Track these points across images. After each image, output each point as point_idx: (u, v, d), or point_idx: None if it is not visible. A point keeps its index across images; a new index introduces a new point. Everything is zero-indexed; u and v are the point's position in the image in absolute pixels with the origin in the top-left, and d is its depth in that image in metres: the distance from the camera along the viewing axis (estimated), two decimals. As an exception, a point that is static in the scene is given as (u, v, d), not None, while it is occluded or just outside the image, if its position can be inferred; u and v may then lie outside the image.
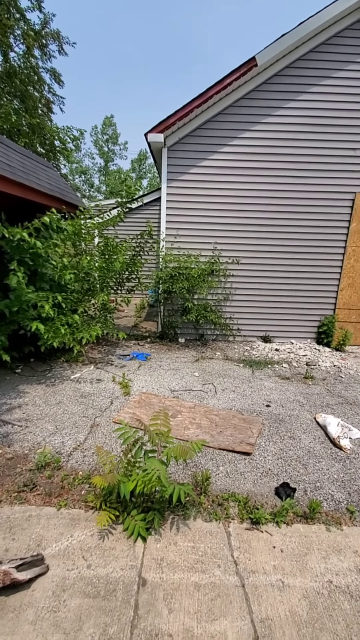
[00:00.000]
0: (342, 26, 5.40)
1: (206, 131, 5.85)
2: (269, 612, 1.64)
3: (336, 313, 6.44)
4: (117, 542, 2.00)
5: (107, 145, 33.02)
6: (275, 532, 2.11)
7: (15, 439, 3.01)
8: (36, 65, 12.10)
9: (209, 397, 4.05)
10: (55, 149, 12.71)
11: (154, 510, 2.14)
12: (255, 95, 5.70)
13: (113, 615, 1.61)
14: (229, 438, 3.10)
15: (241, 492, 2.45)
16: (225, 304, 6.50)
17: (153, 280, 6.28)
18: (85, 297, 5.22)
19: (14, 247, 3.96)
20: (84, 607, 1.64)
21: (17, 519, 2.13)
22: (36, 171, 5.05)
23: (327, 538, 2.09)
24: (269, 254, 6.28)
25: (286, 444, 3.11)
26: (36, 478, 2.50)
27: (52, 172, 6.02)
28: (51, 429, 3.19)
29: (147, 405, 3.72)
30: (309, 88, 5.67)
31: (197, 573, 1.83)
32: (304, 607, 1.67)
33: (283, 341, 6.61)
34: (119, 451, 2.86)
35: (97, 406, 3.70)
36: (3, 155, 4.23)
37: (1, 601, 1.65)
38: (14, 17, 10.94)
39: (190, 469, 2.70)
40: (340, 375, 4.97)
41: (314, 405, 3.94)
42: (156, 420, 2.26)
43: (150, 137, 5.65)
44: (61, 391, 4.02)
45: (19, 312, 4.04)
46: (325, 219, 6.11)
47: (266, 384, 4.51)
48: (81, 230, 5.09)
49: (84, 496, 2.34)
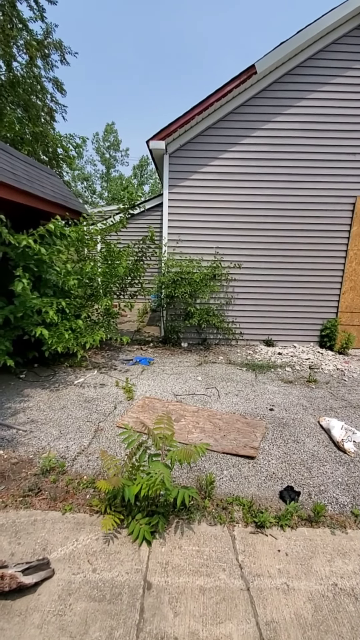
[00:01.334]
0: (341, 33, 5.47)
1: (207, 138, 5.92)
2: (274, 615, 1.65)
3: (338, 316, 6.44)
4: (122, 546, 2.01)
5: (108, 152, 33.37)
6: (280, 536, 2.12)
7: (20, 443, 3.03)
8: (39, 74, 12.30)
9: (213, 401, 4.06)
10: (58, 157, 12.86)
11: (159, 514, 2.15)
12: (255, 102, 5.78)
13: (119, 618, 1.62)
14: (233, 442, 3.11)
15: (245, 496, 2.45)
16: (228, 308, 6.52)
17: (155, 285, 6.32)
18: (88, 302, 5.27)
19: (19, 253, 4.02)
20: (90, 610, 1.65)
21: (22, 523, 2.15)
22: (40, 179, 5.13)
23: (332, 541, 2.09)
24: (271, 258, 6.31)
25: (290, 448, 3.11)
26: (41, 482, 2.51)
27: (55, 180, 6.10)
28: (55, 433, 3.21)
29: (151, 409, 3.74)
30: (309, 94, 5.74)
31: (202, 577, 1.84)
32: (309, 610, 1.67)
33: (286, 345, 6.61)
34: (123, 455, 2.87)
35: (101, 411, 3.72)
36: (8, 164, 4.30)
37: (7, 605, 1.66)
38: (16, 28, 11.15)
39: (194, 472, 2.71)
40: (343, 379, 4.96)
41: (318, 408, 3.94)
42: (160, 424, 2.28)
43: (151, 144, 5.73)
44: (65, 396, 4.05)
45: (23, 318, 4.09)
46: (326, 222, 6.14)
47: (269, 388, 4.51)
48: (84, 236, 5.15)
49: (89, 500, 2.35)
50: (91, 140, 32.90)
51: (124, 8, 47.85)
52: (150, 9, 49.60)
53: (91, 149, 34.13)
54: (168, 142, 5.84)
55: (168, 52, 58.23)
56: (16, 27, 11.18)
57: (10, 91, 11.36)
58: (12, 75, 11.54)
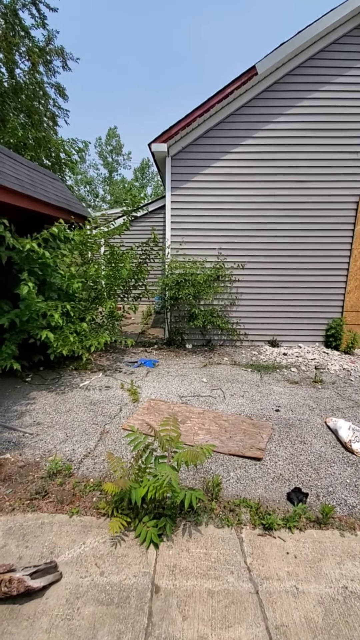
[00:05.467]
0: (341, 33, 5.47)
1: (209, 139, 5.93)
2: (283, 618, 1.63)
3: (344, 316, 6.40)
4: (130, 548, 2.00)
5: (111, 156, 33.59)
6: (288, 538, 2.09)
7: (26, 446, 3.04)
8: (41, 80, 12.43)
9: (218, 403, 4.04)
10: (60, 161, 12.95)
11: (166, 516, 2.14)
12: (256, 103, 5.78)
13: (127, 622, 1.61)
14: (239, 443, 3.09)
15: (253, 498, 2.43)
16: (232, 309, 6.51)
17: (159, 287, 6.33)
18: (92, 305, 5.28)
19: (24, 257, 4.04)
20: (98, 614, 1.64)
21: (30, 527, 2.15)
22: (43, 183, 5.17)
23: (341, 543, 2.06)
24: (274, 258, 6.29)
25: (297, 449, 3.08)
26: (48, 485, 2.52)
27: (58, 184, 6.15)
28: (62, 436, 3.21)
29: (156, 411, 3.73)
30: (310, 94, 5.73)
31: (211, 580, 1.82)
32: (319, 614, 1.65)
33: (291, 345, 6.58)
34: (129, 458, 2.87)
35: (107, 413, 3.72)
36: (12, 170, 4.34)
37: (15, 609, 1.66)
38: (18, 35, 11.29)
39: (201, 474, 2.69)
40: (350, 379, 4.92)
41: (324, 409, 3.91)
42: (166, 425, 2.27)
43: (153, 147, 5.76)
44: (71, 399, 4.06)
45: (28, 321, 4.11)
46: (329, 222, 6.11)
47: (275, 389, 4.49)
48: (88, 239, 5.17)
49: (96, 503, 2.35)
50: (94, 145, 33.16)
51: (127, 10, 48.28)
52: (154, 13, 50.00)
53: (94, 153, 34.45)
54: (170, 145, 5.86)
55: (171, 55, 58.65)
56: (18, 34, 11.32)
57: (13, 97, 11.48)
58: (15, 82, 11.68)
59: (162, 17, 51.12)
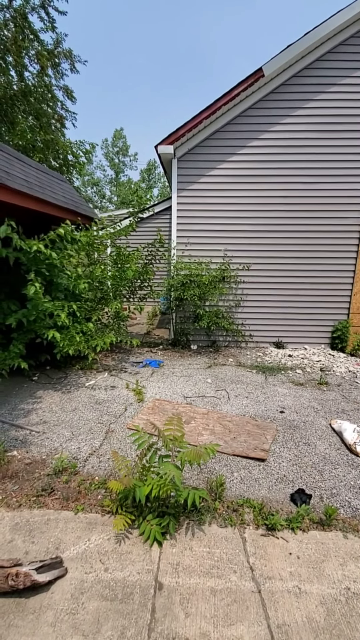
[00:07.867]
0: (347, 35, 5.46)
1: (215, 141, 5.96)
2: (285, 618, 1.64)
3: (350, 318, 6.36)
4: (134, 546, 2.03)
5: (117, 157, 33.77)
6: (291, 539, 2.10)
7: (32, 444, 3.09)
8: (49, 83, 12.57)
9: (222, 404, 4.06)
10: (68, 163, 13.09)
11: (169, 515, 2.16)
12: (262, 105, 5.79)
13: (130, 618, 1.63)
14: (243, 444, 3.10)
15: (256, 498, 2.44)
16: (237, 310, 6.51)
17: (165, 287, 6.36)
18: (98, 305, 5.33)
19: (31, 258, 4.10)
20: (102, 609, 1.67)
21: (36, 523, 2.19)
22: (51, 185, 5.24)
23: (344, 545, 2.07)
24: (280, 260, 6.28)
25: (301, 450, 3.08)
26: (54, 483, 2.55)
27: (65, 186, 6.22)
28: (67, 434, 3.25)
29: (161, 411, 3.75)
30: (316, 95, 5.73)
31: (213, 578, 1.84)
32: (321, 614, 1.66)
33: (296, 347, 6.56)
34: (134, 456, 2.90)
35: (112, 413, 3.75)
36: (21, 172, 4.41)
37: (22, 603, 1.70)
38: (28, 39, 11.44)
39: (205, 474, 2.71)
40: (355, 381, 4.89)
41: (329, 411, 3.90)
42: (170, 425, 2.30)
43: (160, 149, 5.80)
44: (76, 398, 4.10)
45: (35, 321, 4.17)
46: (336, 223, 6.09)
47: (280, 390, 4.49)
48: (94, 240, 5.22)
49: (100, 501, 2.38)
50: (100, 146, 33.39)
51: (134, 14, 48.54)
52: (162, 15, 50.18)
53: (100, 154, 34.62)
54: (176, 147, 5.89)
55: (178, 57, 58.78)
56: (27, 38, 11.47)
57: (22, 100, 11.63)
58: (24, 85, 11.83)
59: (168, 17, 51.33)
